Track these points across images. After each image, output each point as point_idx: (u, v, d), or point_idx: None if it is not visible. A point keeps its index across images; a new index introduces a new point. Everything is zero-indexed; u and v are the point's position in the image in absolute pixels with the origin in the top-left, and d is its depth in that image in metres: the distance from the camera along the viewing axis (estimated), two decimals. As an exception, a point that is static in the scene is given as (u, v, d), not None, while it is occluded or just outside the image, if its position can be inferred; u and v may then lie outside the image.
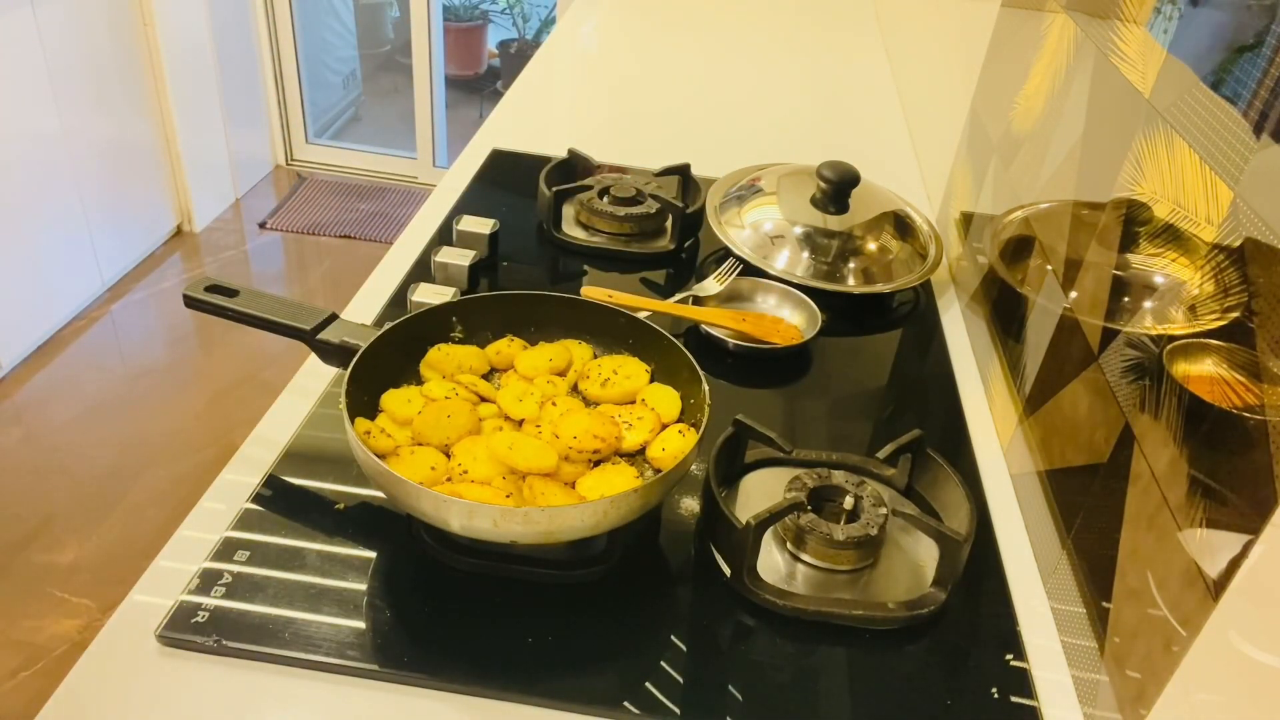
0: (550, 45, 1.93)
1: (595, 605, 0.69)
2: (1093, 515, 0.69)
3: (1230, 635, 0.51)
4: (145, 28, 2.69)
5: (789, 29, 2.18)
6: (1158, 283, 0.67)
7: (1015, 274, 0.95)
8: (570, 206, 1.21)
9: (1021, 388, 0.88)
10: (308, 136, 3.55)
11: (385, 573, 0.70)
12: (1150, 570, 0.59)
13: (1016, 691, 0.66)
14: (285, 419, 0.83)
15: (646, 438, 0.76)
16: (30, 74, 2.31)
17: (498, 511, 0.62)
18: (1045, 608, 0.74)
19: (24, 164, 2.34)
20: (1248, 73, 0.57)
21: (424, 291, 0.97)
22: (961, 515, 0.74)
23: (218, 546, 0.70)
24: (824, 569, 0.73)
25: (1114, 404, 0.68)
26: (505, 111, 1.58)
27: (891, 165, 1.50)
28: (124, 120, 2.69)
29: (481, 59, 4.31)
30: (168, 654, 0.63)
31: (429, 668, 0.63)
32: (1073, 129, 0.85)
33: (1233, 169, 0.57)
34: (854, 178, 1.13)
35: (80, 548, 1.95)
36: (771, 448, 0.80)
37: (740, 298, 1.07)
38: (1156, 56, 0.70)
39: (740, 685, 0.64)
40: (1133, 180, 0.71)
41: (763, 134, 1.59)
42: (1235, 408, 0.53)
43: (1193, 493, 0.55)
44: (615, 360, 0.83)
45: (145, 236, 2.88)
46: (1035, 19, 1.02)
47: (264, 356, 2.48)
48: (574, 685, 0.63)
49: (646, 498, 0.67)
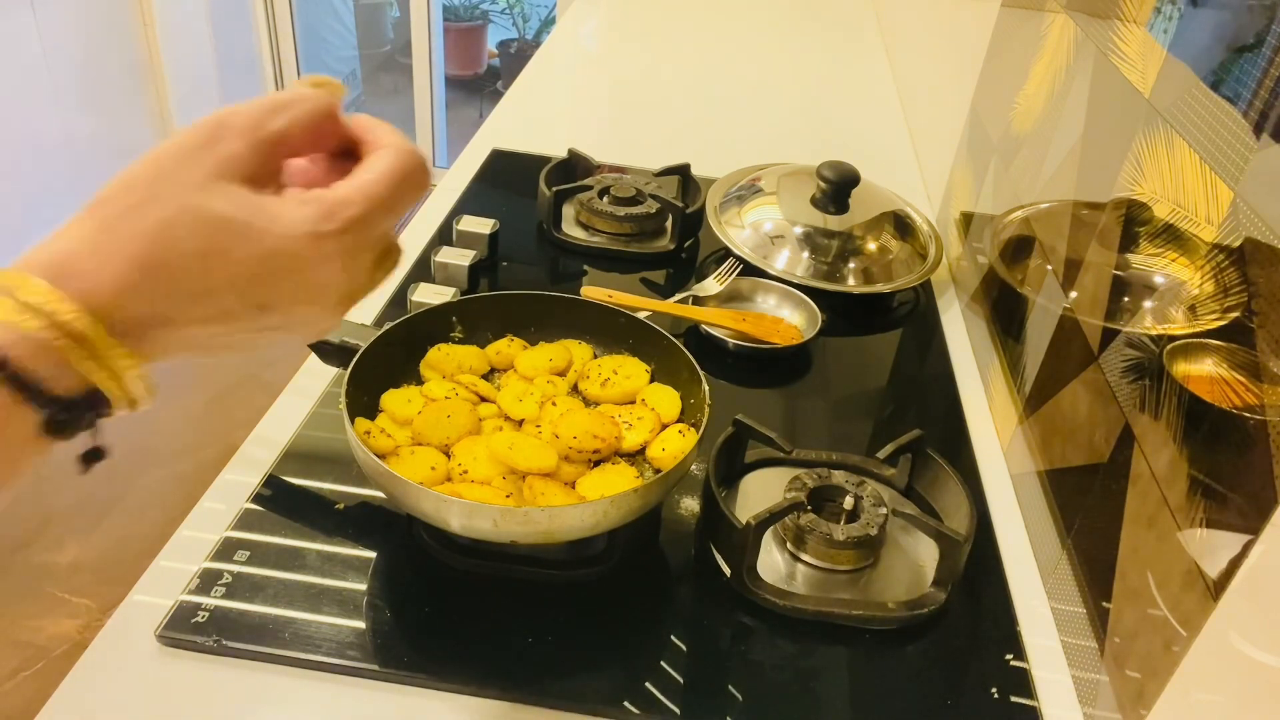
0: (550, 45, 1.93)
1: (595, 605, 0.69)
2: (1093, 515, 0.69)
3: (1230, 635, 0.51)
4: (145, 28, 2.69)
5: (789, 29, 2.18)
6: (1158, 283, 0.67)
7: (1015, 274, 0.95)
8: (570, 206, 1.21)
9: (1021, 388, 0.88)
10: (308, 136, 3.54)
11: (385, 573, 0.70)
12: (1150, 570, 0.59)
13: (1016, 691, 0.66)
14: (285, 419, 0.83)
15: (646, 438, 0.76)
16: (30, 74, 2.31)
17: (498, 511, 0.62)
18: (1045, 608, 0.74)
19: (24, 164, 2.34)
20: (1248, 73, 0.57)
21: (424, 291, 0.97)
22: (961, 515, 0.74)
23: (218, 546, 0.70)
24: (824, 569, 0.73)
25: (1114, 404, 0.68)
26: (505, 111, 1.58)
27: (891, 165, 1.50)
28: (124, 120, 2.69)
29: (481, 59, 4.31)
30: (168, 654, 0.63)
31: (429, 668, 0.63)
32: (1073, 129, 0.85)
33: (1233, 169, 0.57)
34: (854, 178, 1.13)
35: (80, 548, 1.95)
36: (771, 448, 0.80)
37: (740, 298, 1.07)
38: (1156, 56, 0.70)
39: (740, 685, 0.64)
40: (1133, 180, 0.71)
41: (763, 134, 1.59)
42: (1235, 408, 0.53)
43: (1193, 493, 0.55)
44: (615, 360, 0.83)
45: (145, 236, 2.88)
46: (1035, 19, 1.02)
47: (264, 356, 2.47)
48: (574, 685, 0.63)
49: (646, 498, 0.67)
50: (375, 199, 0.38)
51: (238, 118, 0.38)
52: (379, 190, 0.39)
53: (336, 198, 0.38)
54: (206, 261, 0.35)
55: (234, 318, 0.37)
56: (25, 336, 0.33)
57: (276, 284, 0.37)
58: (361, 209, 0.38)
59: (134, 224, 0.35)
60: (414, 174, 0.40)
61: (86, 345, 0.34)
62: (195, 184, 0.36)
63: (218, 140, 0.37)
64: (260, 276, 0.36)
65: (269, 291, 0.37)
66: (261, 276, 0.36)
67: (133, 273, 0.35)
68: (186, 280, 0.36)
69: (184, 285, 0.36)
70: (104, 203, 0.36)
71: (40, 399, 0.34)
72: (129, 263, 0.34)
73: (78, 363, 0.34)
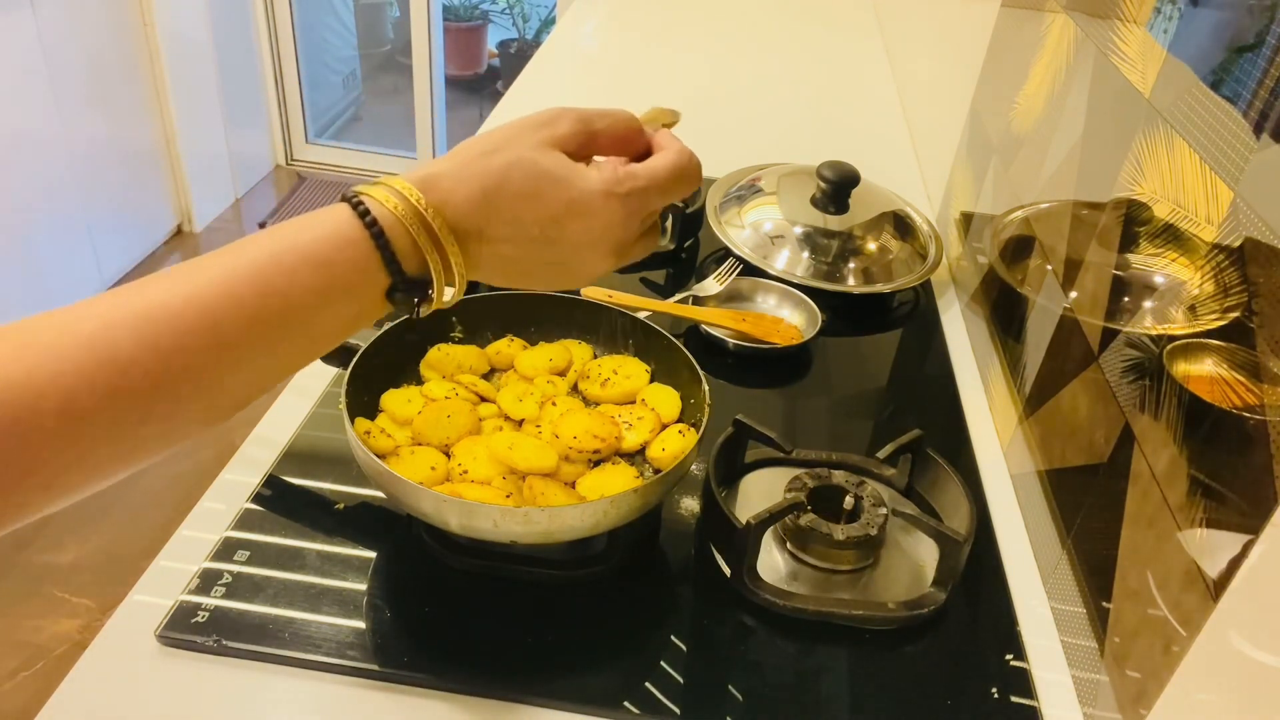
0: (550, 45, 1.93)
1: (595, 605, 0.69)
2: (1093, 515, 0.69)
3: (1230, 635, 0.51)
4: (145, 28, 2.69)
5: (789, 29, 2.18)
6: (1158, 283, 0.67)
7: (1015, 274, 0.95)
8: (570, 206, 1.21)
9: (1021, 388, 0.88)
10: (308, 136, 3.55)
11: (385, 573, 0.70)
12: (1150, 570, 0.59)
13: (1016, 691, 0.66)
14: (285, 419, 0.83)
15: (646, 438, 0.76)
16: (30, 74, 2.31)
17: (498, 511, 0.62)
18: (1045, 608, 0.74)
19: (24, 164, 2.34)
20: (1248, 73, 0.57)
21: (424, 291, 0.97)
22: (961, 515, 0.74)
23: (218, 546, 0.70)
24: (824, 569, 0.73)
25: (1114, 404, 0.68)
26: (505, 111, 1.58)
27: (891, 165, 1.50)
28: (124, 120, 2.69)
29: (481, 59, 4.31)
30: (168, 654, 0.63)
31: (429, 668, 0.63)
32: (1073, 129, 0.85)
33: (1233, 169, 0.57)
34: (854, 178, 1.13)
35: (80, 548, 1.95)
36: (771, 448, 0.80)
37: (740, 298, 1.07)
38: (1156, 56, 0.70)
39: (740, 685, 0.64)
40: (1133, 180, 0.71)
41: (763, 134, 1.59)
42: (1235, 408, 0.53)
43: (1193, 493, 0.55)
44: (615, 360, 0.83)
45: (145, 236, 2.88)
46: (1035, 19, 1.02)
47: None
48: (574, 685, 0.63)
49: (646, 498, 0.67)
50: (654, 179, 0.51)
51: (572, 111, 0.51)
52: (659, 174, 0.51)
53: (627, 170, 0.50)
54: (527, 199, 0.48)
55: (532, 243, 0.49)
56: (394, 214, 0.45)
57: (570, 223, 0.49)
58: (643, 182, 0.50)
59: (485, 163, 0.47)
60: (688, 169, 0.53)
61: (431, 235, 0.46)
62: (532, 144, 0.49)
63: (555, 121, 0.50)
64: (559, 217, 0.48)
65: (562, 230, 0.49)
66: (560, 217, 0.48)
67: (475, 194, 0.47)
68: (510, 208, 0.48)
69: (506, 211, 0.48)
70: (464, 149, 0.48)
71: (393, 264, 0.45)
72: (475, 188, 0.47)
73: (424, 245, 0.46)
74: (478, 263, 0.49)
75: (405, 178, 0.46)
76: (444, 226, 0.46)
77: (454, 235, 0.46)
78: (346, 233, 0.45)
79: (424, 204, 0.45)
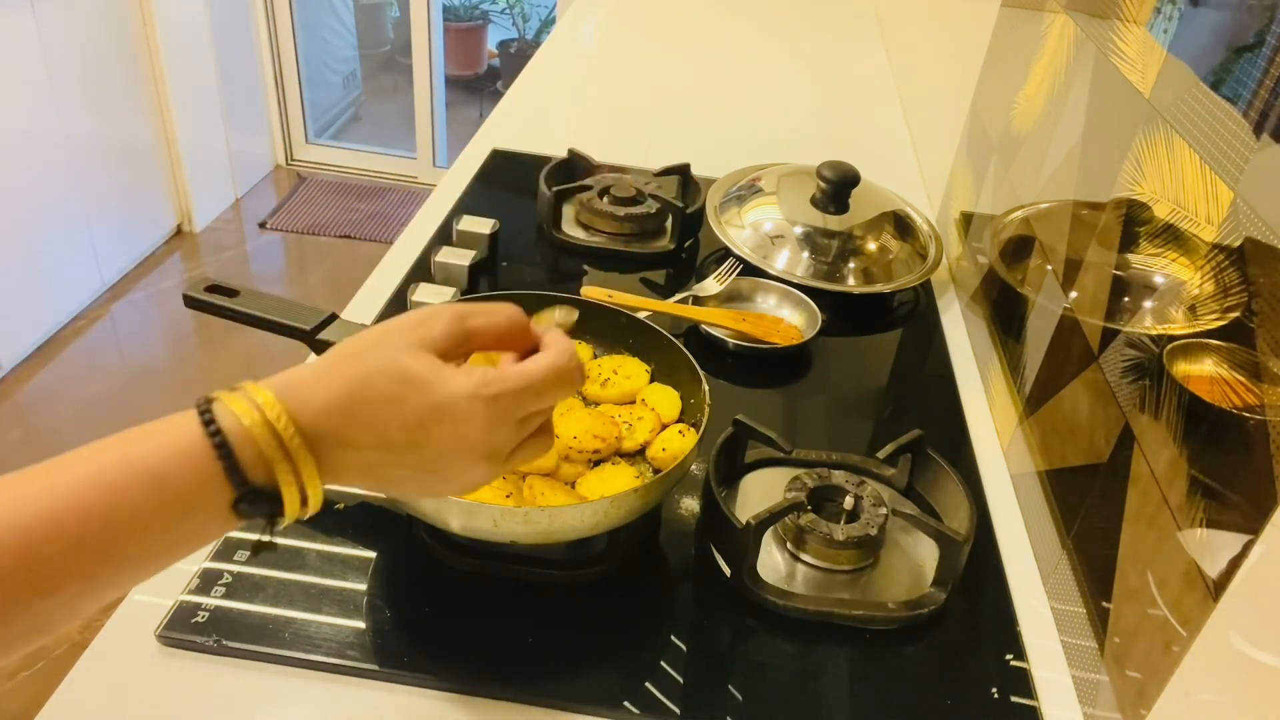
0: (550, 45, 1.93)
1: (595, 605, 0.69)
2: (1093, 515, 0.69)
3: (1230, 635, 0.51)
4: (145, 28, 2.69)
5: (789, 29, 2.18)
6: (1158, 283, 0.67)
7: (1015, 274, 0.95)
8: (570, 206, 1.21)
9: (1021, 388, 0.88)
10: (308, 136, 3.55)
11: (385, 573, 0.70)
12: (1150, 570, 0.59)
13: (1016, 691, 0.66)
14: (285, 419, 0.83)
15: (646, 438, 0.76)
16: (30, 74, 2.31)
17: (498, 511, 0.62)
18: (1045, 608, 0.74)
19: (24, 164, 2.34)
20: (1248, 73, 0.57)
21: (424, 291, 0.97)
22: (961, 515, 0.74)
23: (217, 546, 0.70)
24: (824, 569, 0.73)
25: (1114, 404, 0.68)
26: (505, 111, 1.58)
27: (891, 165, 1.50)
28: (124, 120, 2.69)
29: (481, 59, 4.31)
30: (168, 654, 0.63)
31: (429, 668, 0.63)
32: (1073, 129, 0.85)
33: (1233, 169, 0.57)
34: (854, 178, 1.13)
35: (80, 548, 1.95)
36: (771, 448, 0.80)
37: (740, 298, 1.07)
38: (1156, 56, 0.70)
39: (740, 685, 0.64)
40: (1133, 180, 0.71)
41: (763, 134, 1.59)
42: (1235, 408, 0.53)
43: (1193, 493, 0.55)
44: (615, 360, 0.83)
45: (145, 236, 2.88)
46: (1035, 19, 1.02)
47: (264, 356, 2.48)
48: (574, 685, 0.63)
49: (646, 498, 0.67)
50: (528, 381, 0.48)
51: (449, 309, 0.49)
52: (533, 376, 0.48)
53: (497, 373, 0.48)
54: (389, 403, 0.46)
55: (395, 450, 0.46)
56: (243, 426, 0.42)
57: (435, 428, 0.46)
58: (514, 384, 0.47)
59: (350, 367, 0.46)
60: (567, 370, 0.50)
61: (281, 445, 0.43)
62: (400, 346, 0.47)
63: (427, 320, 0.48)
64: (424, 422, 0.46)
65: (428, 434, 0.46)
66: (425, 422, 0.46)
67: (336, 399, 0.45)
68: (371, 413, 0.45)
69: (367, 416, 0.45)
70: (336, 351, 0.47)
71: (237, 477, 0.42)
72: (337, 391, 0.45)
73: (271, 455, 0.43)
74: (340, 470, 0.46)
75: (266, 383, 0.45)
76: (295, 435, 0.43)
77: (309, 443, 0.44)
78: (188, 443, 0.42)
79: (276, 412, 0.43)
